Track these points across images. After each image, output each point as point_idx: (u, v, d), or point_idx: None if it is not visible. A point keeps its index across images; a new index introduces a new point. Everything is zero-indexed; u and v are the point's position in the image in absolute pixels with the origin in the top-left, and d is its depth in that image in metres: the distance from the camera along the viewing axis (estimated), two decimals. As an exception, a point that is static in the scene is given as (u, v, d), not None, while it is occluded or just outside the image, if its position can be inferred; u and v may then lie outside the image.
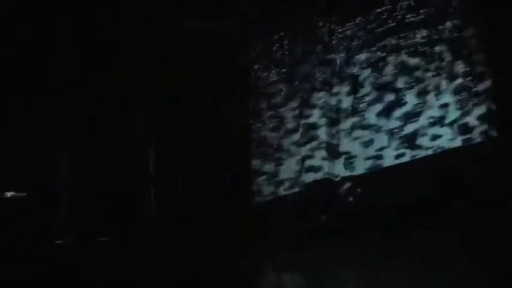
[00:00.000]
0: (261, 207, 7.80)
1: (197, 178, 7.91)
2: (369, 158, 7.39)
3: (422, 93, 7.23)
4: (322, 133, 7.64)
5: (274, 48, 8.08)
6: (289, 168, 7.77)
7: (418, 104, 7.23)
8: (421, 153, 7.15)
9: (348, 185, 7.39)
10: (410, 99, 7.28)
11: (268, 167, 7.90)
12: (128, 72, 8.22)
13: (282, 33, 8.04)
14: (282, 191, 7.76)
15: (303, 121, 7.79)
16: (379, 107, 7.42)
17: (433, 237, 6.68)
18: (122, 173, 7.97)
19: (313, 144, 7.66)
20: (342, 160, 7.51)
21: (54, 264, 7.23)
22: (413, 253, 6.52)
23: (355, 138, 7.50)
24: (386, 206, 7.04)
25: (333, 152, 7.56)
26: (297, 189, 7.66)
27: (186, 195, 7.89)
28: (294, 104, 7.88)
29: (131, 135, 8.14)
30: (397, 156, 7.25)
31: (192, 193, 7.87)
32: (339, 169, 7.52)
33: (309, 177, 7.61)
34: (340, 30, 7.73)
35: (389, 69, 7.42)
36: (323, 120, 7.65)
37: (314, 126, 7.69)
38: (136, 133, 8.15)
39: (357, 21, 7.62)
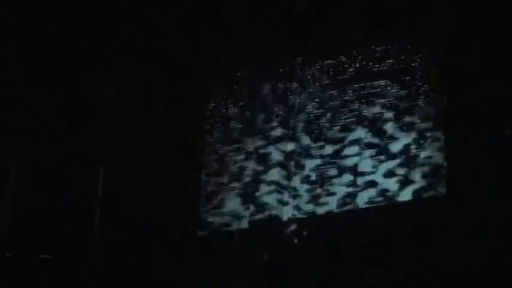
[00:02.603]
0: (207, 240, 7.82)
1: (145, 205, 7.94)
2: (318, 203, 7.46)
3: (374, 144, 7.37)
4: (275, 172, 7.70)
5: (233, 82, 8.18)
6: (237, 204, 7.80)
7: (369, 154, 7.36)
8: (369, 204, 7.23)
9: (294, 226, 7.44)
10: (363, 148, 7.41)
11: (218, 199, 7.91)
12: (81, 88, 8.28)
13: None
14: (228, 225, 7.78)
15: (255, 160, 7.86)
16: (332, 152, 7.52)
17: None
18: (68, 192, 7.99)
19: (264, 182, 7.72)
20: (291, 201, 7.56)
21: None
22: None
23: (307, 182, 7.56)
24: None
25: (283, 192, 7.62)
26: (243, 226, 7.68)
27: (133, 220, 7.89)
28: (249, 141, 7.94)
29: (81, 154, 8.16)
30: (346, 204, 7.33)
31: (139, 219, 7.89)
32: (287, 209, 7.56)
33: (257, 215, 7.66)
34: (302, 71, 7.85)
35: (346, 117, 7.54)
36: (276, 161, 7.73)
37: (266, 165, 7.77)
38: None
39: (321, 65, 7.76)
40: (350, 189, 7.36)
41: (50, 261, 7.66)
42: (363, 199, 7.30)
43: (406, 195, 7.13)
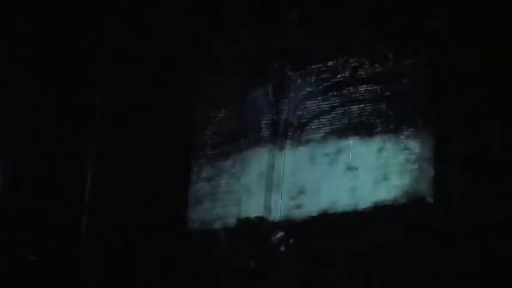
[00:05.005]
0: (195, 237, 7.82)
1: (133, 204, 7.94)
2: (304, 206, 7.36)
3: (362, 147, 7.25)
4: (263, 175, 7.66)
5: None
6: (225, 205, 7.76)
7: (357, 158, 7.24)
8: (358, 208, 7.09)
9: (281, 233, 7.36)
10: (350, 153, 7.29)
11: (206, 199, 7.90)
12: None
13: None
14: (217, 226, 7.76)
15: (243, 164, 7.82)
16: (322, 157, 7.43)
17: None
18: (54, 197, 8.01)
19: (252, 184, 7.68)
20: (278, 205, 7.49)
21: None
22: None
23: (296, 186, 7.47)
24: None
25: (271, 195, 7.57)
26: (231, 227, 7.64)
27: (121, 223, 7.90)
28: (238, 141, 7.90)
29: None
30: (332, 208, 7.21)
31: (127, 219, 7.90)
32: (275, 213, 7.49)
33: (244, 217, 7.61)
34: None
35: (335, 121, 7.43)
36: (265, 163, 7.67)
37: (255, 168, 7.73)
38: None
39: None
40: (338, 194, 7.24)
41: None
42: (350, 203, 7.17)
43: (395, 198, 6.98)
